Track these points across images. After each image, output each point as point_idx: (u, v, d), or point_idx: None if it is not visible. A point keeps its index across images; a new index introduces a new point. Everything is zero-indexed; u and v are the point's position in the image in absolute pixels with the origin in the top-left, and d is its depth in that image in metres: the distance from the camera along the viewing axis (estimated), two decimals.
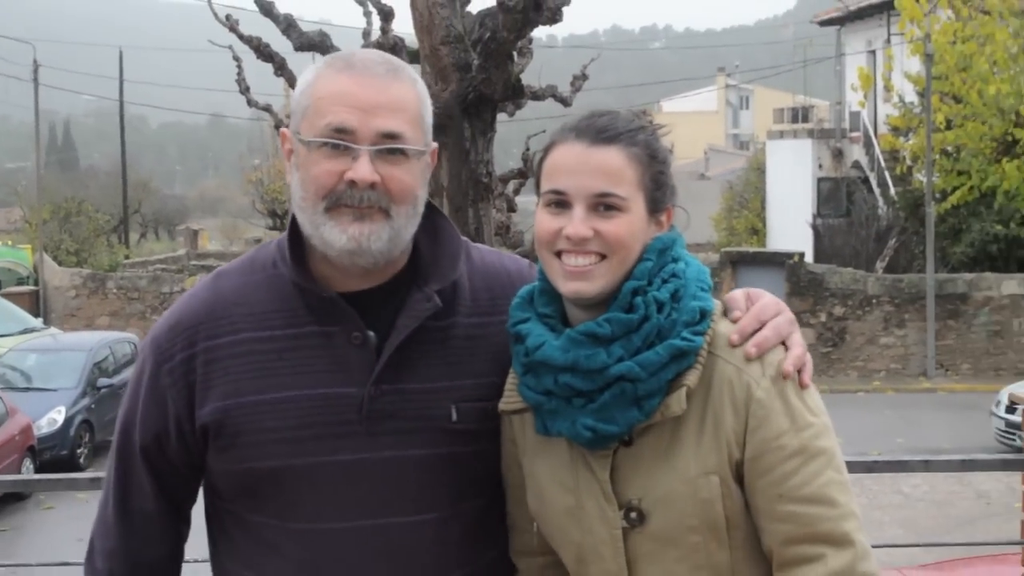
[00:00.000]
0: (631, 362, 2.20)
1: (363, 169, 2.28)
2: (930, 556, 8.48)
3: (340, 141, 2.30)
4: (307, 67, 2.49)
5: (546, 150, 2.35)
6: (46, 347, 23.63)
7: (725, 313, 2.33)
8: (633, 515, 2.26)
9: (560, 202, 2.28)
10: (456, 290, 2.46)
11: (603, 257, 2.26)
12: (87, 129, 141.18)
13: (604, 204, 2.26)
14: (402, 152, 2.33)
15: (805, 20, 62.56)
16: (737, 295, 2.34)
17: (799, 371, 2.25)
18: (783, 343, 2.28)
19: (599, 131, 2.29)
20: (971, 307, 27.66)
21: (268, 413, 2.35)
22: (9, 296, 32.56)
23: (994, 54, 26.27)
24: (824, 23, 47.59)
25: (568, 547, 2.35)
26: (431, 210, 2.49)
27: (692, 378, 2.22)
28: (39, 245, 37.67)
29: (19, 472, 17.21)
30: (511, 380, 2.39)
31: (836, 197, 39.01)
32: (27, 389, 20.60)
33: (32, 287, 35.80)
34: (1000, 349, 27.52)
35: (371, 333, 2.37)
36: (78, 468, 18.79)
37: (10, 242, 42.43)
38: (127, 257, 45.10)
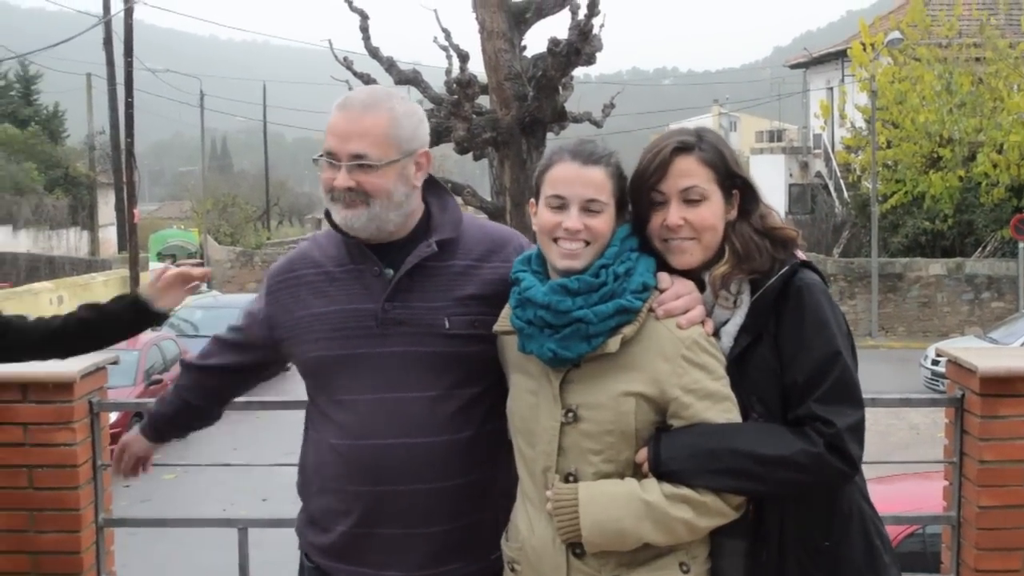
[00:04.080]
0: (588, 310, 2.36)
1: (341, 179, 2.58)
2: (874, 472, 8.43)
3: (330, 160, 2.59)
4: (410, 96, 2.79)
5: (547, 166, 2.51)
6: (209, 305, 23.93)
7: None
8: (570, 415, 2.40)
9: (560, 204, 2.44)
10: (457, 243, 2.68)
11: (587, 243, 2.43)
12: (239, 143, 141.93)
13: (590, 207, 2.43)
14: (368, 165, 2.57)
15: (779, 64, 61.86)
16: (663, 275, 2.45)
17: (703, 323, 2.41)
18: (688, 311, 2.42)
19: (588, 155, 2.45)
20: (905, 284, 27.41)
21: (318, 320, 2.67)
22: (181, 267, 32.88)
23: (923, 91, 26.13)
24: (794, 66, 47.06)
25: (525, 433, 2.49)
26: (442, 190, 2.79)
27: (629, 329, 2.37)
28: (203, 229, 37.97)
29: None
30: (505, 310, 2.54)
31: (803, 199, 38.70)
32: (195, 336, 20.77)
33: (198, 260, 36.10)
34: (927, 316, 27.28)
35: (389, 270, 2.63)
36: None
37: (182, 226, 42.83)
38: (269, 238, 45.22)
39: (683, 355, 2.36)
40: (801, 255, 2.49)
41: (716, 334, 2.44)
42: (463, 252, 2.67)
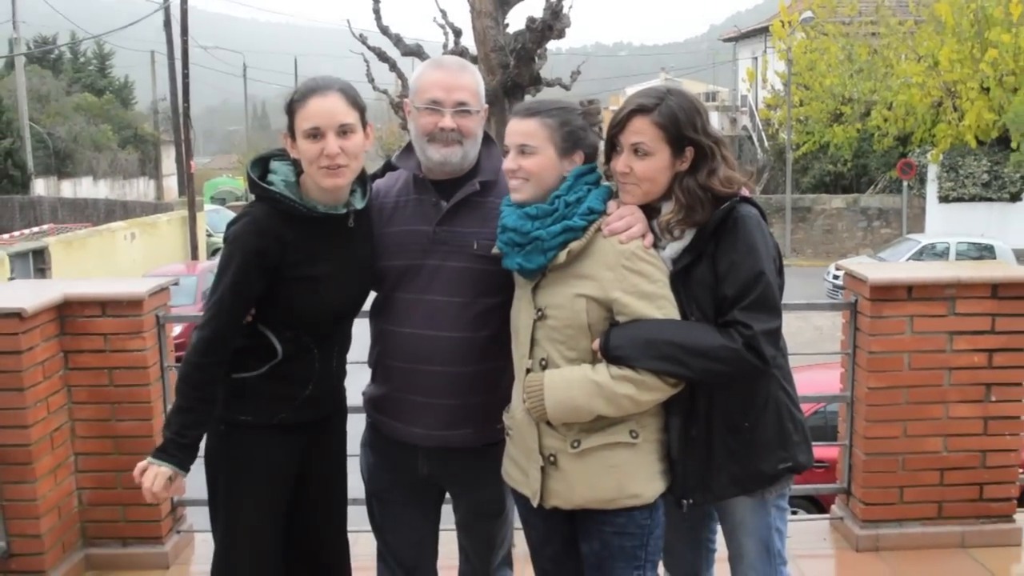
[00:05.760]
0: (543, 230, 2.40)
1: (447, 121, 2.61)
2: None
3: (434, 107, 2.62)
4: (415, 65, 2.92)
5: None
6: None
7: None
8: (540, 313, 2.44)
9: (506, 151, 2.49)
10: (497, 184, 2.68)
11: (526, 180, 2.45)
12: (276, 107, 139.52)
13: (523, 150, 2.44)
14: (467, 111, 2.63)
15: (714, 39, 61.15)
16: (612, 202, 2.46)
17: (643, 237, 2.40)
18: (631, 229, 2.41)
19: (526, 110, 2.48)
20: (813, 215, 27.47)
21: (391, 238, 2.72)
22: (231, 208, 32.75)
23: (829, 60, 26.12)
24: (726, 40, 46.56)
25: (513, 330, 2.56)
26: (491, 141, 2.79)
27: (575, 244, 2.39)
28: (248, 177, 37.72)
29: None
30: None
31: (732, 148, 38.45)
32: None
33: (244, 203, 35.89)
34: (830, 240, 27.41)
35: (443, 201, 2.66)
36: None
37: (230, 175, 42.46)
38: None
39: (623, 264, 2.37)
40: (745, 193, 2.47)
41: (664, 248, 2.43)
42: (499, 192, 2.67)
